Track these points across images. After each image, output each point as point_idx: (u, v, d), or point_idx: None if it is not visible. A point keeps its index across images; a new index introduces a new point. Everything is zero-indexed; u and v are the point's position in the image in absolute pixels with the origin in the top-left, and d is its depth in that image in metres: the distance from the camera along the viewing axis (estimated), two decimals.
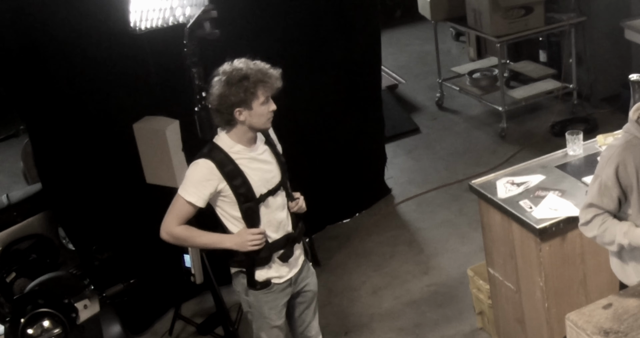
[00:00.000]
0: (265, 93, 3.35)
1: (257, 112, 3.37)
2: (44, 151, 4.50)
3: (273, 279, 3.60)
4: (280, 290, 3.63)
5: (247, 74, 3.32)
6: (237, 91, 3.31)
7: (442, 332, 4.69)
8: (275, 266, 3.59)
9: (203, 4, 3.84)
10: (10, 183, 7.04)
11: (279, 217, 3.57)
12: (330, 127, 5.61)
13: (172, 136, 4.19)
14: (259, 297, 3.62)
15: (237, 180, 3.42)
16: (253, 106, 3.35)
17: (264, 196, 3.49)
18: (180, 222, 3.44)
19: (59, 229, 5.10)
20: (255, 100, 3.34)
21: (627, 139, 3.05)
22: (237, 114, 3.36)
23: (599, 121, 6.61)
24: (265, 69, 3.37)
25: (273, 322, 3.68)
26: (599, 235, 3.11)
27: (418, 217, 5.90)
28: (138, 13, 3.73)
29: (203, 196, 3.41)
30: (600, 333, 2.95)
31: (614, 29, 6.54)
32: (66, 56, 4.29)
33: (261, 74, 3.34)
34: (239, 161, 3.43)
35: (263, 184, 3.48)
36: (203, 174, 3.40)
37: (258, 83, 3.33)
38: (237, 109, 3.34)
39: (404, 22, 9.79)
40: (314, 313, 3.86)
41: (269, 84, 3.36)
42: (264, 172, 3.49)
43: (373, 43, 5.75)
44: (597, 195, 3.08)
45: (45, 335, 3.47)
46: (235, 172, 3.42)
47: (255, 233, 3.47)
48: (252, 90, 3.32)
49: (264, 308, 3.64)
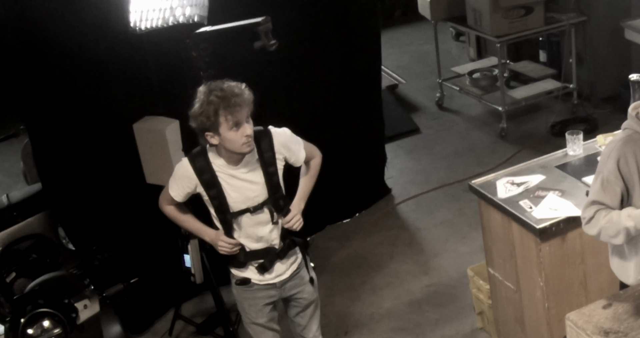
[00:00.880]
0: (229, 119, 3.25)
1: (226, 138, 3.30)
2: (44, 151, 4.50)
3: (253, 279, 3.61)
4: (261, 290, 3.63)
5: (210, 100, 3.25)
6: (202, 117, 3.27)
7: (442, 332, 4.69)
8: (251, 270, 3.60)
9: (203, 4, 3.84)
10: (10, 183, 7.04)
11: (261, 232, 3.54)
12: (330, 127, 5.60)
13: (172, 136, 4.19)
14: (239, 292, 3.66)
15: (213, 191, 3.43)
16: (220, 131, 3.29)
17: (241, 212, 3.47)
18: (169, 204, 3.58)
19: (59, 229, 5.09)
20: (220, 126, 3.27)
21: (627, 134, 3.05)
22: (209, 138, 3.33)
23: (599, 121, 6.61)
24: (231, 95, 3.25)
25: (253, 319, 3.69)
26: (603, 228, 3.02)
27: (418, 217, 5.90)
28: (138, 13, 3.73)
29: (182, 193, 3.50)
30: (600, 333, 2.94)
31: (614, 29, 6.54)
32: (66, 56, 4.29)
33: (223, 101, 3.24)
34: (219, 174, 3.42)
35: (242, 201, 3.46)
36: (182, 174, 3.47)
37: (219, 110, 3.24)
38: (207, 133, 3.32)
39: (404, 22, 9.78)
40: (310, 318, 3.83)
41: (231, 111, 3.24)
42: (245, 190, 3.45)
43: (373, 43, 5.75)
44: (600, 192, 3.05)
45: (45, 335, 3.47)
46: (212, 183, 3.42)
47: (226, 241, 3.50)
48: (212, 118, 3.25)
49: (244, 303, 3.68)
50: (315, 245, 5.56)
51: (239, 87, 3.31)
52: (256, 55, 4.06)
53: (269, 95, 4.74)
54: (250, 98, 3.32)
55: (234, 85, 3.31)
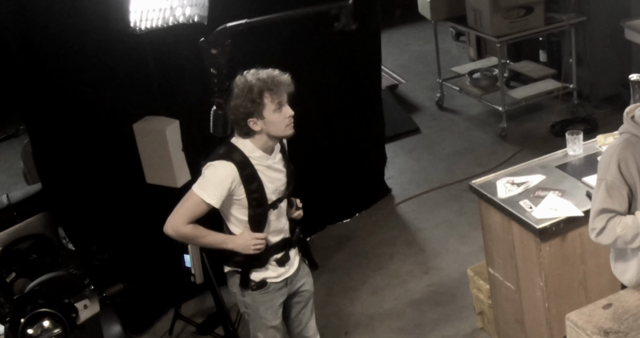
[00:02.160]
0: (274, 100, 3.35)
1: (271, 121, 3.36)
2: (44, 151, 4.50)
3: (269, 279, 3.61)
4: (277, 290, 3.64)
5: (252, 84, 3.32)
6: (245, 103, 3.32)
7: (442, 332, 4.69)
8: (271, 267, 3.61)
9: (203, 4, 3.84)
10: (10, 183, 7.05)
11: (281, 223, 3.60)
12: (330, 127, 5.61)
13: (172, 136, 4.19)
14: (255, 297, 3.62)
15: (254, 185, 3.42)
16: (264, 114, 3.35)
17: (273, 203, 3.52)
18: (190, 221, 3.41)
19: (59, 229, 5.09)
20: (265, 109, 3.34)
21: (625, 138, 3.05)
22: (252, 124, 3.37)
23: (599, 121, 6.61)
24: (272, 77, 3.35)
25: (269, 322, 3.68)
26: (621, 235, 3.00)
27: (418, 217, 5.90)
28: (138, 13, 3.73)
29: (221, 197, 3.38)
30: (600, 333, 2.95)
31: (614, 29, 6.54)
32: (66, 56, 4.29)
33: (266, 83, 3.33)
34: (257, 166, 3.43)
35: (274, 191, 3.50)
36: (225, 175, 3.37)
37: (263, 92, 3.32)
38: (250, 119, 3.35)
39: (404, 22, 9.79)
40: (311, 313, 3.87)
41: (276, 91, 3.34)
42: (276, 180, 3.51)
43: (373, 43, 5.75)
44: (606, 199, 3.03)
45: (45, 335, 3.47)
46: (253, 176, 3.42)
47: (259, 238, 3.49)
48: (258, 100, 3.32)
49: (260, 308, 3.65)
50: (315, 245, 5.56)
51: (277, 71, 3.39)
52: (257, 55, 4.05)
53: None
54: (288, 79, 3.41)
55: (269, 70, 3.39)
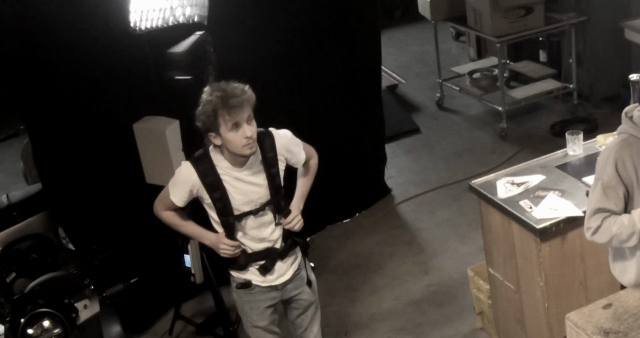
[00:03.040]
0: (228, 120, 3.25)
1: (227, 139, 3.29)
2: (44, 151, 4.50)
3: (254, 281, 3.60)
4: (262, 293, 3.62)
5: (210, 100, 3.25)
6: (203, 117, 3.28)
7: (442, 332, 4.69)
8: (253, 272, 3.59)
9: (203, 4, 3.84)
10: (10, 183, 7.04)
11: (263, 233, 3.54)
12: (330, 127, 5.60)
13: (172, 136, 4.18)
14: (240, 295, 3.64)
15: (217, 193, 3.42)
16: (221, 132, 3.28)
17: (244, 214, 3.47)
18: (167, 209, 3.54)
19: (59, 229, 5.09)
20: (221, 126, 3.27)
21: (623, 138, 3.06)
22: (212, 138, 3.33)
23: (599, 121, 6.61)
24: (228, 96, 3.23)
25: (254, 321, 3.68)
26: (617, 234, 3.00)
27: (418, 217, 5.90)
28: (138, 13, 3.73)
29: (183, 198, 3.46)
30: (600, 333, 2.95)
31: (614, 29, 6.54)
32: (66, 55, 4.29)
33: (220, 102, 3.23)
34: (224, 176, 3.40)
35: (246, 203, 3.46)
36: (184, 178, 3.42)
37: (217, 111, 3.24)
38: (209, 133, 3.32)
39: (404, 22, 9.79)
40: (311, 319, 3.82)
41: (230, 112, 3.23)
42: (248, 193, 3.45)
43: (373, 43, 5.75)
44: (602, 198, 3.03)
45: (45, 335, 3.47)
46: (216, 185, 3.41)
47: (228, 244, 3.48)
48: (211, 118, 3.25)
49: (244, 306, 3.66)
50: (315, 245, 5.56)
51: (241, 89, 3.28)
52: (256, 55, 4.06)
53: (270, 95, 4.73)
54: (251, 99, 3.30)
55: (236, 86, 3.29)
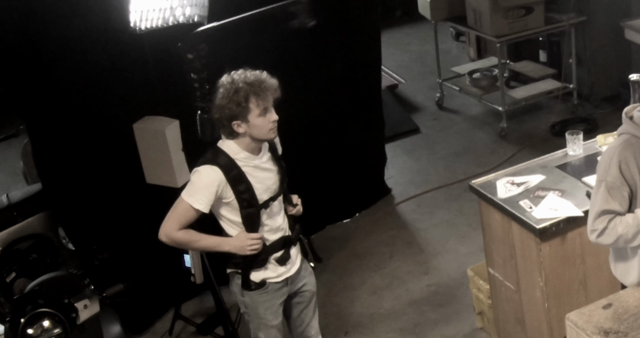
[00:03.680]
0: (260, 105, 3.32)
1: (255, 125, 3.34)
2: (44, 151, 4.50)
3: (269, 279, 3.60)
4: (276, 290, 3.63)
5: (239, 87, 3.29)
6: (230, 105, 3.30)
7: (442, 332, 4.69)
8: (271, 267, 3.60)
9: (203, 4, 3.84)
10: (10, 183, 7.04)
11: (277, 221, 3.58)
12: (330, 127, 5.61)
13: (172, 136, 4.19)
14: (254, 298, 3.62)
15: (241, 186, 3.41)
16: (249, 118, 3.33)
17: (265, 203, 3.50)
18: (182, 227, 3.42)
19: (59, 229, 5.10)
20: (250, 113, 3.32)
21: (624, 139, 3.06)
22: (236, 127, 3.35)
23: (599, 121, 6.61)
24: (260, 81, 3.32)
25: (269, 322, 3.68)
26: (623, 234, 3.00)
27: (418, 217, 5.90)
28: (138, 13, 3.73)
29: (209, 202, 3.39)
30: (600, 333, 2.95)
31: (614, 29, 6.54)
32: (66, 55, 4.29)
33: (253, 87, 3.29)
34: (244, 168, 3.42)
35: (265, 191, 3.49)
36: (208, 180, 3.37)
37: (250, 96, 3.29)
38: (234, 122, 3.34)
39: (404, 22, 9.78)
40: (313, 313, 3.86)
41: (262, 96, 3.31)
42: (266, 179, 3.49)
43: (373, 43, 5.75)
44: (607, 200, 3.02)
45: (45, 335, 3.47)
46: (240, 178, 3.41)
47: (254, 238, 3.47)
48: (243, 104, 3.29)
49: (259, 308, 3.64)
50: (316, 245, 5.56)
51: (265, 74, 3.36)
52: (255, 55, 4.06)
53: None
54: (275, 84, 3.37)
55: (258, 72, 3.35)
